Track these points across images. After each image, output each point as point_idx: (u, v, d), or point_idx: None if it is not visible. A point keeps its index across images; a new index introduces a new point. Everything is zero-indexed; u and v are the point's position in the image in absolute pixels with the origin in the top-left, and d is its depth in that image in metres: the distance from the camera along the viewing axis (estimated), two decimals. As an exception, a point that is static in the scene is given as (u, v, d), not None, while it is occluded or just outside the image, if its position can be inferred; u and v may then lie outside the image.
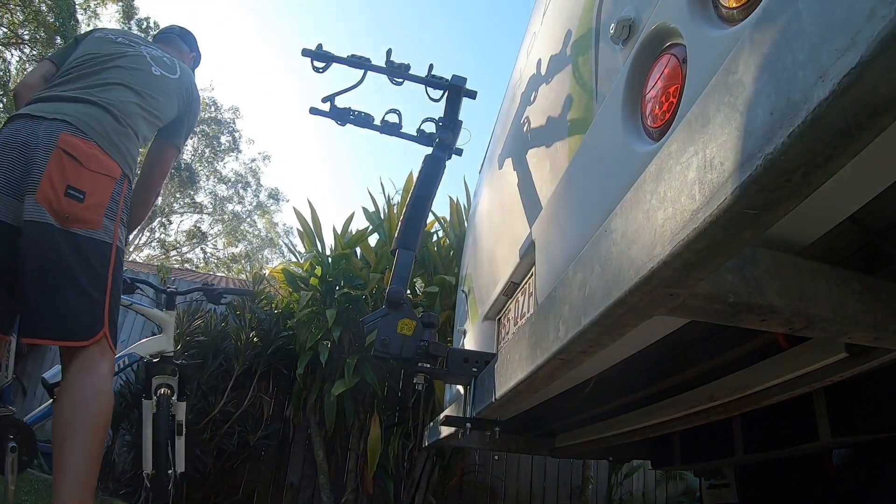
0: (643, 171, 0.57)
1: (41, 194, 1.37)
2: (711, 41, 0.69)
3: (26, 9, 9.36)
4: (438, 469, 3.60)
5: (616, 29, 0.95)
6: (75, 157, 1.43)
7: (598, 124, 1.04)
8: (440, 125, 2.02)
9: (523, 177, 1.61)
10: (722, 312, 0.63)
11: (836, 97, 0.34)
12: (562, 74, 1.36)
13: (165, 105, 1.79)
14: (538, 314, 0.87)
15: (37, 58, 10.10)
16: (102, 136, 1.51)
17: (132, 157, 1.61)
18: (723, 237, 0.46)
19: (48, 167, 1.39)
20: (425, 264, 3.73)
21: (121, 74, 1.67)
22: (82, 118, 1.49)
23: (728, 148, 0.43)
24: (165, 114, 1.80)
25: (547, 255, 1.26)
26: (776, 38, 0.40)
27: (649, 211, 0.54)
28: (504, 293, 1.68)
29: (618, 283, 0.58)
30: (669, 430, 1.58)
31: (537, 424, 2.24)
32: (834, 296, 0.66)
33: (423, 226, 1.80)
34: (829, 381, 0.98)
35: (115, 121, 1.56)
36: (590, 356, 0.74)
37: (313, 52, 2.00)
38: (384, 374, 3.58)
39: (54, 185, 1.39)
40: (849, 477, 1.60)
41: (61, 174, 1.40)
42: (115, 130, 1.54)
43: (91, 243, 1.44)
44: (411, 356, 1.46)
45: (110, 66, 1.68)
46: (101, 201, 1.47)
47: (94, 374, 1.39)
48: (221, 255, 20.15)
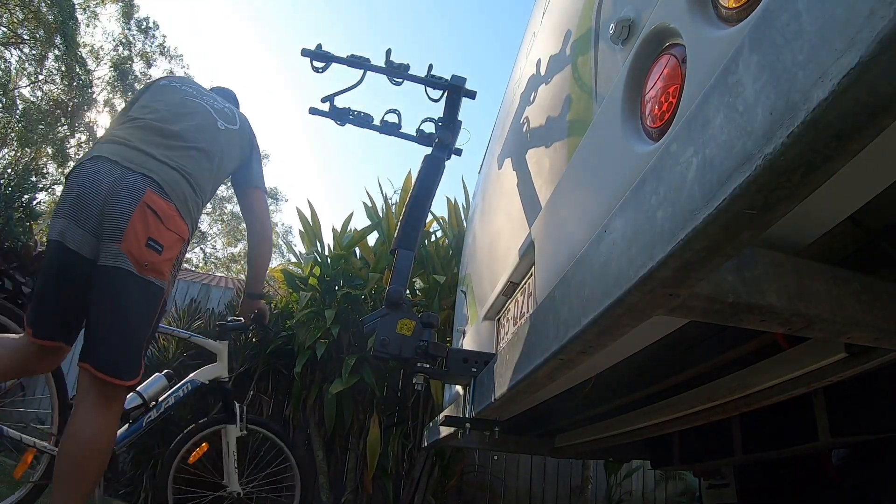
0: (643, 171, 0.57)
1: (125, 245, 1.51)
2: (711, 41, 0.69)
3: (26, 8, 9.36)
4: (438, 469, 3.60)
5: (615, 29, 0.94)
6: (157, 214, 1.57)
7: (597, 124, 1.04)
8: (439, 125, 2.02)
9: (523, 177, 1.61)
10: (721, 313, 0.63)
11: (836, 97, 0.34)
12: (561, 74, 1.36)
13: (230, 160, 1.91)
14: (537, 314, 0.87)
15: (36, 57, 10.10)
16: (181, 201, 1.65)
17: (196, 223, 1.78)
18: (722, 237, 0.46)
19: (133, 218, 1.52)
20: (424, 264, 3.73)
21: (195, 135, 1.78)
22: (168, 180, 1.62)
23: (727, 148, 0.43)
24: (230, 168, 1.92)
25: (546, 255, 1.26)
26: (776, 38, 0.40)
27: (649, 211, 0.54)
28: (503, 293, 1.68)
29: (617, 284, 0.58)
30: (669, 430, 1.58)
31: (537, 424, 2.23)
32: (833, 296, 0.66)
33: (423, 226, 1.79)
34: (828, 381, 0.98)
35: (192, 190, 1.70)
36: (589, 356, 0.74)
37: (313, 52, 2.00)
38: (383, 374, 3.58)
39: (138, 235, 1.53)
40: (848, 477, 1.60)
41: (145, 227, 1.54)
42: (191, 198, 1.70)
43: (160, 293, 1.59)
44: (411, 356, 1.46)
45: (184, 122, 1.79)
46: (172, 257, 1.62)
47: (108, 413, 1.52)
48: (221, 255, 20.15)
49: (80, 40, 10.96)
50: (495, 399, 1.09)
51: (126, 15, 13.15)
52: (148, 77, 15.10)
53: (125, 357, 1.53)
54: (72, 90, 9.94)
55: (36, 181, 6.28)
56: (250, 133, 2.05)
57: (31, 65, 10.26)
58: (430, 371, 1.47)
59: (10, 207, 5.40)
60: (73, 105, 10.01)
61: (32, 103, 9.81)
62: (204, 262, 19.85)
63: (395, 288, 1.55)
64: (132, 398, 2.12)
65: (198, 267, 19.07)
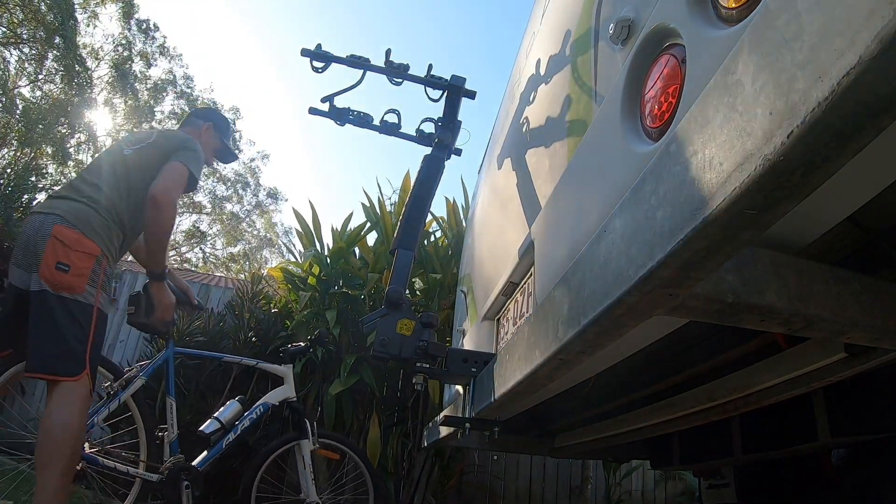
0: (642, 171, 0.57)
1: (41, 272, 1.89)
2: (710, 41, 0.69)
3: (25, 8, 9.34)
4: (437, 469, 3.60)
5: (615, 29, 0.94)
6: (64, 242, 1.93)
7: (597, 124, 1.04)
8: (439, 125, 2.02)
9: (522, 177, 1.61)
10: (721, 312, 0.63)
11: (836, 97, 0.34)
12: (561, 74, 1.36)
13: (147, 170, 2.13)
14: (537, 314, 0.87)
15: (36, 57, 10.09)
16: (86, 224, 1.99)
17: (110, 239, 2.06)
18: (722, 237, 0.46)
19: (46, 250, 1.91)
20: (423, 264, 3.73)
21: (99, 170, 2.14)
22: (71, 212, 1.98)
23: (727, 148, 0.43)
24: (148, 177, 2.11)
25: (546, 255, 1.26)
26: (775, 38, 0.40)
27: (648, 211, 0.54)
28: (503, 293, 1.68)
29: (617, 284, 0.58)
30: (669, 430, 1.58)
31: (537, 424, 2.23)
32: (833, 296, 0.66)
33: (423, 226, 1.80)
34: (828, 381, 0.98)
35: (98, 213, 2.03)
36: (589, 356, 0.74)
37: (313, 52, 2.00)
38: (383, 375, 3.58)
39: (48, 262, 1.90)
40: (848, 477, 1.60)
41: (54, 255, 1.91)
42: (97, 220, 2.02)
43: (76, 304, 1.89)
44: (410, 356, 1.46)
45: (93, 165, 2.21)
46: (84, 272, 1.93)
47: (69, 407, 1.82)
48: (220, 254, 20.13)
49: (80, 41, 10.96)
50: (495, 399, 1.09)
51: (126, 15, 13.13)
52: (148, 77, 15.10)
53: (56, 357, 1.84)
54: (71, 90, 9.93)
55: (36, 181, 6.29)
56: (166, 144, 2.21)
57: (30, 65, 10.24)
58: (429, 371, 1.47)
59: (10, 207, 5.40)
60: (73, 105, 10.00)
61: (32, 103, 9.79)
62: (203, 261, 19.85)
63: (394, 288, 1.55)
64: (211, 423, 2.32)
65: (197, 267, 19.06)
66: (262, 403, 2.48)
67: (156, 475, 2.20)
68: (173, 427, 2.28)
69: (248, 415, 2.42)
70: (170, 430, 2.27)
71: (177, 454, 2.25)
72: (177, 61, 16.82)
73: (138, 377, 2.28)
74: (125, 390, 2.24)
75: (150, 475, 2.20)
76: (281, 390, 2.55)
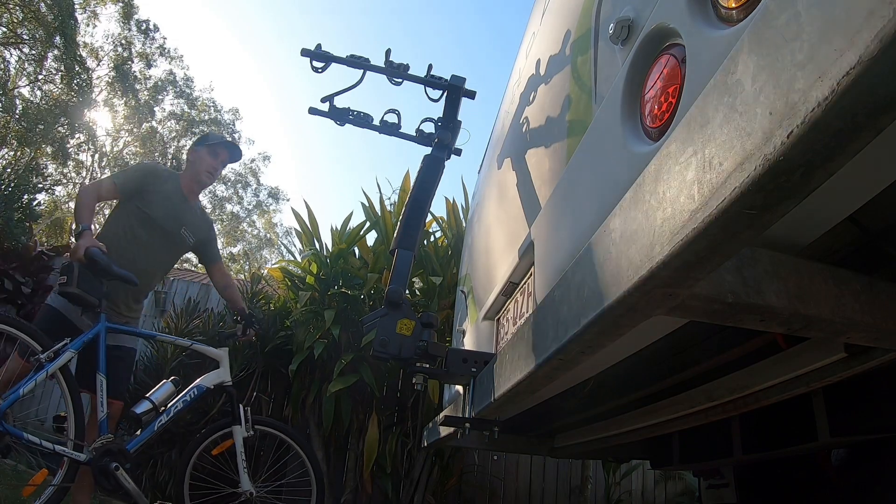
0: (642, 171, 0.57)
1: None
2: (710, 41, 0.69)
3: (26, 8, 9.34)
4: (437, 469, 3.60)
5: (615, 29, 0.94)
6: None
7: (597, 124, 1.04)
8: (439, 125, 2.02)
9: (522, 177, 1.61)
10: (721, 313, 0.63)
11: (835, 97, 0.34)
12: (561, 75, 1.36)
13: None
14: (537, 314, 0.86)
15: (36, 57, 10.10)
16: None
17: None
18: (721, 237, 0.46)
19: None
20: (423, 264, 3.73)
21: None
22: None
23: (727, 148, 0.43)
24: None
25: (546, 255, 1.26)
26: (775, 38, 0.40)
27: (648, 211, 0.54)
28: (503, 293, 1.68)
29: (616, 284, 0.58)
30: (668, 430, 1.58)
31: (536, 424, 2.23)
32: (833, 296, 0.66)
33: (423, 225, 1.79)
34: (827, 381, 0.98)
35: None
36: (589, 356, 0.74)
37: (312, 52, 2.00)
38: (382, 374, 3.58)
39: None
40: (847, 477, 1.60)
41: None
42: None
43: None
44: (410, 356, 1.46)
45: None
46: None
47: None
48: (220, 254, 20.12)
49: (80, 40, 10.95)
50: (495, 399, 1.09)
51: (126, 15, 13.13)
52: (148, 77, 15.09)
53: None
54: (71, 90, 9.93)
55: (36, 182, 6.29)
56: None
57: (30, 65, 10.24)
58: (429, 371, 1.47)
59: (10, 208, 5.40)
60: (73, 105, 10.00)
61: (32, 103, 9.79)
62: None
63: (394, 288, 1.55)
64: (143, 403, 2.23)
65: (197, 267, 19.06)
66: (196, 386, 2.40)
67: (83, 455, 2.09)
68: (103, 405, 2.18)
69: (182, 397, 2.33)
70: (100, 408, 2.17)
71: (106, 434, 2.15)
72: (177, 62, 16.84)
73: (67, 349, 2.15)
74: (53, 362, 2.11)
75: (77, 454, 2.09)
76: (216, 374, 2.46)
